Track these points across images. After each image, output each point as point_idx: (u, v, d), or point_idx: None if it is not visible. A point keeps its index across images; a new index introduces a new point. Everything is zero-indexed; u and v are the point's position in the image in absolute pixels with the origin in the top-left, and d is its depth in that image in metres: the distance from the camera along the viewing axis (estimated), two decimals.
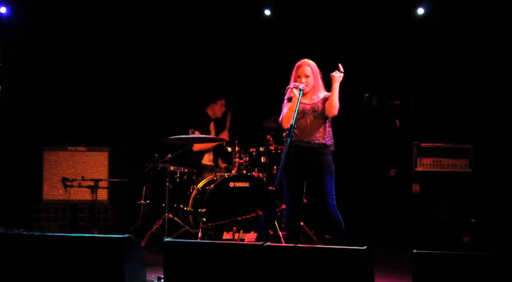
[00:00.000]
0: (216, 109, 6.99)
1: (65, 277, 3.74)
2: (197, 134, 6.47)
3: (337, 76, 4.69)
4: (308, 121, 4.79)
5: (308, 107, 4.82)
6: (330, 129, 4.85)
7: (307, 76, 4.80)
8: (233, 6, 7.29)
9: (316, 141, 4.77)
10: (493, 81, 6.77)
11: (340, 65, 4.71)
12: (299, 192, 4.83)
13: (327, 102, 4.74)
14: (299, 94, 4.63)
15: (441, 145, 6.53)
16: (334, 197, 4.73)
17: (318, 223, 6.31)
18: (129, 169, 7.10)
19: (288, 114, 4.72)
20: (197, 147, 6.74)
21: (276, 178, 4.37)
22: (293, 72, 4.86)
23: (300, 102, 4.76)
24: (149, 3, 7.29)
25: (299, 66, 4.84)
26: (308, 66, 4.82)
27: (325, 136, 4.80)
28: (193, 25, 7.43)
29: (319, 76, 4.88)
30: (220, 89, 7.24)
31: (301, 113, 4.80)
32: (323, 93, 4.87)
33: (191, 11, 7.32)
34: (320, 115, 4.79)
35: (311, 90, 4.85)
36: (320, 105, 4.81)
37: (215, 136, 6.81)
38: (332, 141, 4.86)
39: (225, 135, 6.86)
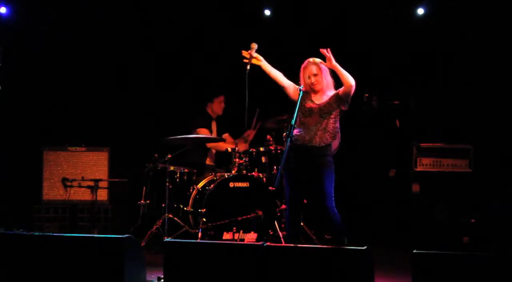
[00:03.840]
0: (215, 107, 6.91)
1: (65, 277, 3.75)
2: (201, 134, 6.49)
3: (330, 57, 4.64)
4: (314, 121, 4.76)
5: (315, 107, 4.78)
6: (337, 125, 4.79)
7: (315, 75, 4.75)
8: (233, 6, 7.29)
9: (319, 140, 4.73)
10: (493, 81, 6.77)
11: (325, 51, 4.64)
12: (300, 192, 4.82)
13: (343, 81, 4.66)
14: (300, 94, 4.63)
15: (441, 145, 6.52)
16: (333, 198, 4.71)
17: (318, 223, 6.31)
18: (129, 169, 7.10)
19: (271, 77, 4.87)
20: (211, 145, 6.75)
21: (276, 178, 4.37)
22: (300, 74, 4.82)
23: (309, 102, 4.76)
24: (149, 2, 7.29)
25: (304, 67, 4.80)
26: (314, 65, 4.76)
27: (330, 136, 4.75)
28: (193, 25, 7.43)
29: (328, 73, 4.80)
30: (217, 86, 7.19)
31: (308, 112, 4.78)
32: (332, 91, 4.81)
33: (191, 11, 7.32)
34: (327, 114, 4.74)
35: (321, 89, 4.80)
36: (328, 104, 4.76)
37: (216, 137, 6.80)
38: (338, 136, 4.81)
39: (251, 133, 6.81)
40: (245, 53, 4.81)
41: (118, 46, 7.41)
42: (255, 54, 4.84)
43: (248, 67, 4.78)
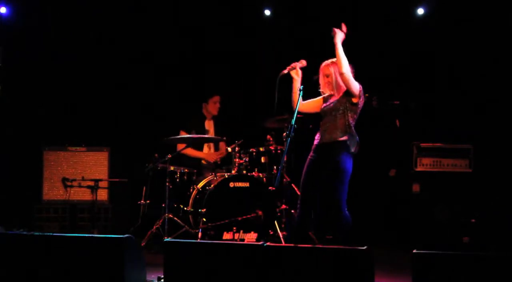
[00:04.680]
0: (210, 108, 6.86)
1: (65, 277, 3.74)
2: (185, 135, 6.47)
3: (338, 32, 4.69)
4: (328, 121, 4.74)
5: (327, 108, 4.78)
6: (348, 121, 4.69)
7: (327, 76, 4.77)
8: (233, 6, 7.29)
9: (329, 137, 4.70)
10: (493, 81, 6.77)
11: (343, 25, 4.70)
12: (312, 192, 4.77)
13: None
14: (299, 95, 4.62)
15: (441, 145, 6.53)
16: (344, 202, 4.65)
17: (318, 223, 6.31)
18: (129, 169, 7.10)
19: (293, 97, 4.79)
20: (183, 150, 6.51)
21: (276, 178, 4.36)
22: (319, 76, 4.85)
23: (325, 104, 4.77)
24: (149, 2, 7.29)
25: (320, 69, 4.83)
26: (325, 66, 4.79)
27: (341, 131, 4.69)
28: (193, 25, 7.43)
29: (338, 73, 4.75)
30: (216, 86, 7.15)
31: (324, 114, 4.79)
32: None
33: (191, 11, 7.32)
34: (336, 111, 4.71)
35: (334, 89, 4.79)
36: (337, 101, 4.73)
37: (213, 136, 6.77)
38: (351, 131, 4.70)
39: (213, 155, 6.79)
40: (294, 63, 4.78)
41: (118, 46, 7.41)
42: (298, 69, 4.80)
43: (285, 71, 4.74)
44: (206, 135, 6.67)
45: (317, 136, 4.85)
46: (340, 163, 4.66)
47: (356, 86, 4.65)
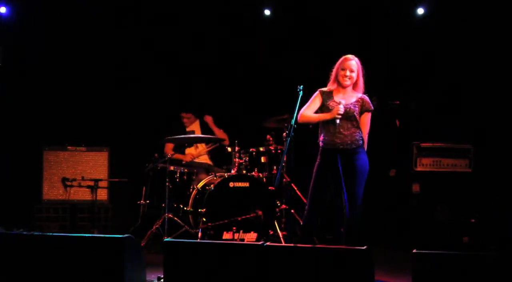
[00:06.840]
0: (185, 122, 6.82)
1: (65, 277, 3.75)
2: (196, 135, 6.47)
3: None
4: (338, 121, 4.69)
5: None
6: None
7: (352, 71, 4.72)
8: (233, 6, 7.29)
9: (346, 142, 4.68)
10: (493, 81, 6.78)
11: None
12: (323, 193, 4.74)
13: None
14: (300, 94, 4.61)
15: (441, 144, 6.53)
16: (359, 203, 4.66)
17: (318, 224, 6.31)
18: (129, 169, 7.09)
19: (308, 116, 4.71)
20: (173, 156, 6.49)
21: (276, 178, 4.36)
22: (337, 64, 4.76)
23: (332, 101, 4.73)
24: (148, 3, 7.29)
25: (345, 59, 4.75)
26: (354, 61, 4.75)
27: (357, 136, 4.72)
28: (192, 24, 7.43)
29: (361, 75, 4.78)
30: (190, 103, 7.02)
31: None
32: (357, 95, 4.78)
33: (190, 11, 7.32)
34: (351, 116, 4.69)
35: (348, 88, 4.77)
36: (353, 107, 4.71)
37: (212, 137, 6.75)
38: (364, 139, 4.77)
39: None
40: (342, 106, 4.67)
41: (118, 46, 7.41)
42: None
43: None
44: (205, 135, 6.66)
45: (326, 140, 4.74)
46: (364, 165, 4.74)
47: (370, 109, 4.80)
